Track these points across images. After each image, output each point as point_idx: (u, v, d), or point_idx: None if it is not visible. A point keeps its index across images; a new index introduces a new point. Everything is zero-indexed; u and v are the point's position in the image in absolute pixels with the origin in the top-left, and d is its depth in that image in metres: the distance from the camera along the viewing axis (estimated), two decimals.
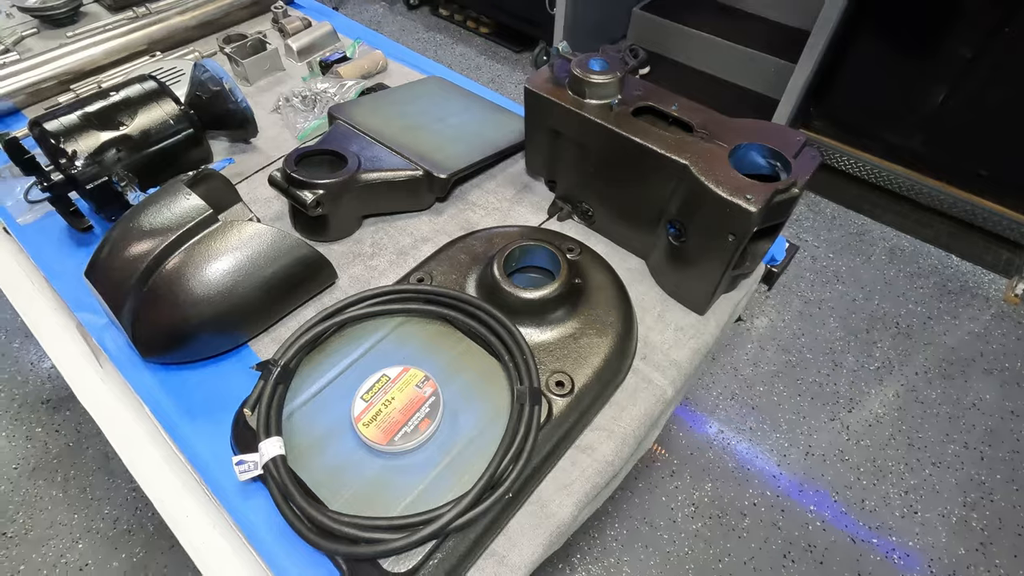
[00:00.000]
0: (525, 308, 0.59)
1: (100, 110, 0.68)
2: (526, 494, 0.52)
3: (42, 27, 1.10)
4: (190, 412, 0.59)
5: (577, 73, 0.63)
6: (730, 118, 0.63)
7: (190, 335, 0.58)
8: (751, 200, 0.53)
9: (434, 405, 0.52)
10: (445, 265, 0.66)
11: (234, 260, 0.58)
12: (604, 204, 0.72)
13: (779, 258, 0.77)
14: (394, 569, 0.45)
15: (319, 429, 0.52)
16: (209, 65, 0.77)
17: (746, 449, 1.45)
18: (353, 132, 0.77)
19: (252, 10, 1.13)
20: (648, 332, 0.66)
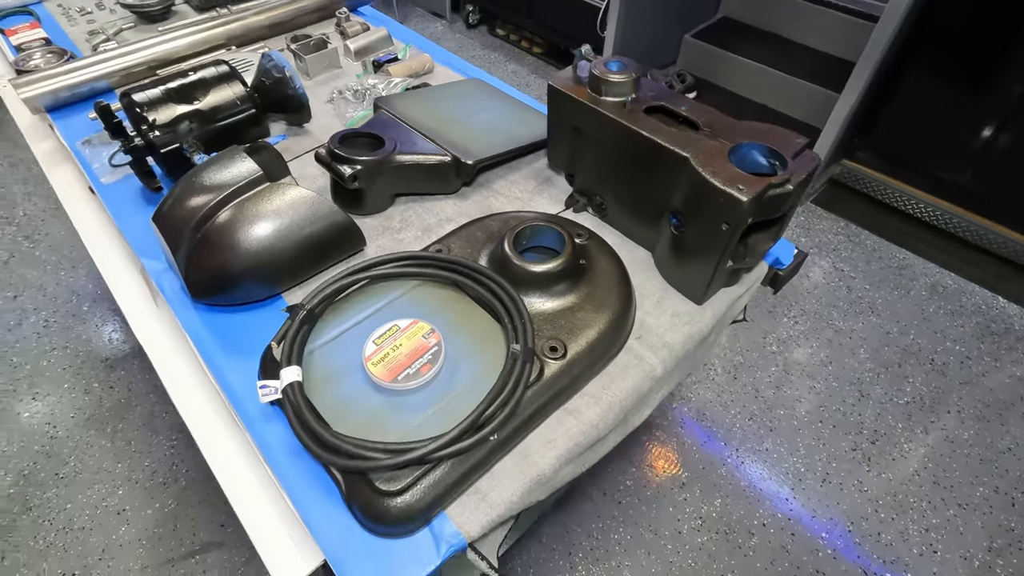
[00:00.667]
0: (529, 279, 0.64)
1: (178, 87, 0.78)
2: (512, 443, 0.57)
3: (139, 22, 1.25)
4: (227, 348, 0.66)
5: (596, 72, 0.69)
6: (737, 120, 0.67)
7: (233, 281, 0.66)
8: (743, 190, 0.57)
9: (436, 354, 0.58)
10: (463, 240, 0.72)
11: (276, 218, 0.66)
12: (615, 197, 0.77)
13: (785, 262, 0.79)
14: (384, 487, 0.50)
15: (334, 366, 0.59)
16: (274, 55, 0.87)
17: (760, 469, 1.44)
18: (394, 120, 0.85)
19: (319, 14, 1.25)
20: (646, 316, 0.70)
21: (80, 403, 1.57)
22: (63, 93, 1.00)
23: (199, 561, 1.29)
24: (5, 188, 2.23)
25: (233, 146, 0.69)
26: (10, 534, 1.33)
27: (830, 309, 1.80)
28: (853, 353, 1.69)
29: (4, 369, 1.64)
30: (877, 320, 1.77)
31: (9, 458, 1.45)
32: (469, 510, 0.53)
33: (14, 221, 2.10)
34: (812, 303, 1.82)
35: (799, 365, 1.66)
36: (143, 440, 1.49)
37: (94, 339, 1.72)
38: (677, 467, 1.45)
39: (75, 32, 1.23)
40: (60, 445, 1.48)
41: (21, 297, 1.84)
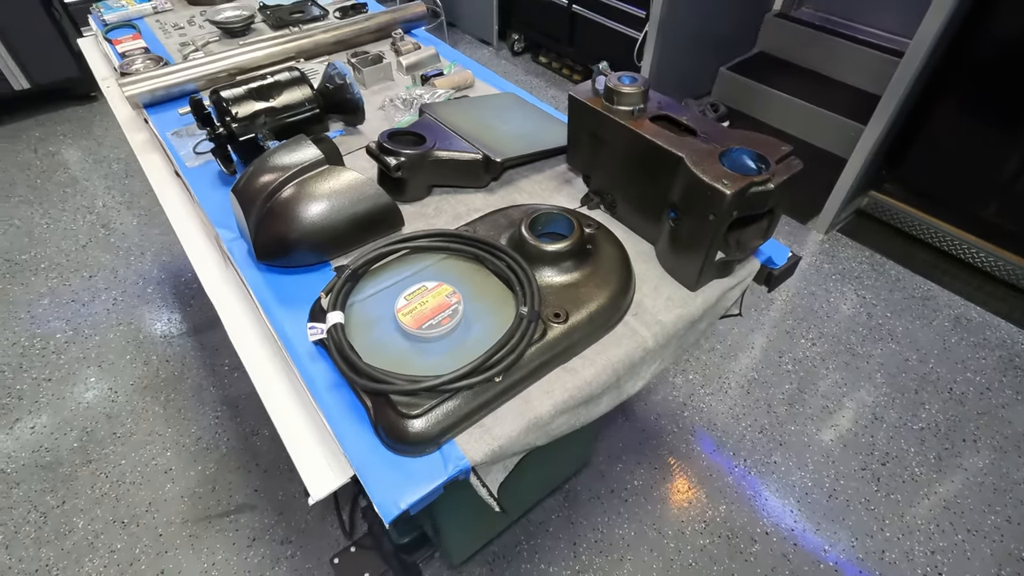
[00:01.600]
0: (541, 257, 0.75)
1: (257, 87, 0.93)
2: (515, 390, 0.66)
3: (223, 37, 1.44)
4: (282, 302, 0.78)
5: (610, 84, 0.80)
6: (732, 129, 0.77)
7: (291, 246, 0.79)
8: (727, 185, 0.66)
9: (455, 311, 0.68)
10: (487, 224, 0.83)
11: (331, 195, 0.79)
12: (624, 195, 0.87)
13: (778, 262, 0.87)
14: (404, 411, 0.60)
15: (370, 316, 0.70)
16: (338, 65, 1.01)
17: (767, 481, 1.48)
18: (435, 123, 0.98)
19: (377, 35, 1.40)
20: (643, 297, 0.78)
21: (139, 373, 1.73)
22: (159, 92, 1.17)
23: (233, 520, 1.41)
24: (89, 182, 2.48)
25: (300, 135, 0.82)
26: (72, 482, 1.48)
27: (849, 334, 1.83)
28: (870, 377, 1.71)
29: (78, 339, 1.83)
30: (896, 347, 1.79)
31: (77, 416, 1.62)
32: (475, 439, 0.63)
33: (94, 211, 2.33)
34: (831, 327, 1.85)
35: (813, 385, 1.69)
36: (191, 409, 1.64)
37: (155, 317, 1.90)
38: (685, 471, 1.50)
39: (169, 43, 1.42)
40: (119, 408, 1.64)
41: (95, 277, 2.04)
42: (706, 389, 1.69)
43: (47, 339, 1.83)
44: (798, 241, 2.17)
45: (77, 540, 1.37)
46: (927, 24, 1.65)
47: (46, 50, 2.71)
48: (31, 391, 1.69)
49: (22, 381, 1.71)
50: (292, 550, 1.36)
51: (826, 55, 2.67)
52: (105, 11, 1.50)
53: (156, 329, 1.86)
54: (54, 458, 1.53)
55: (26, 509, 1.43)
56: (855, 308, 1.91)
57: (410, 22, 1.46)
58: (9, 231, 2.23)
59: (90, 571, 1.32)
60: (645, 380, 0.78)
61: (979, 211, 1.92)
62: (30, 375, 1.73)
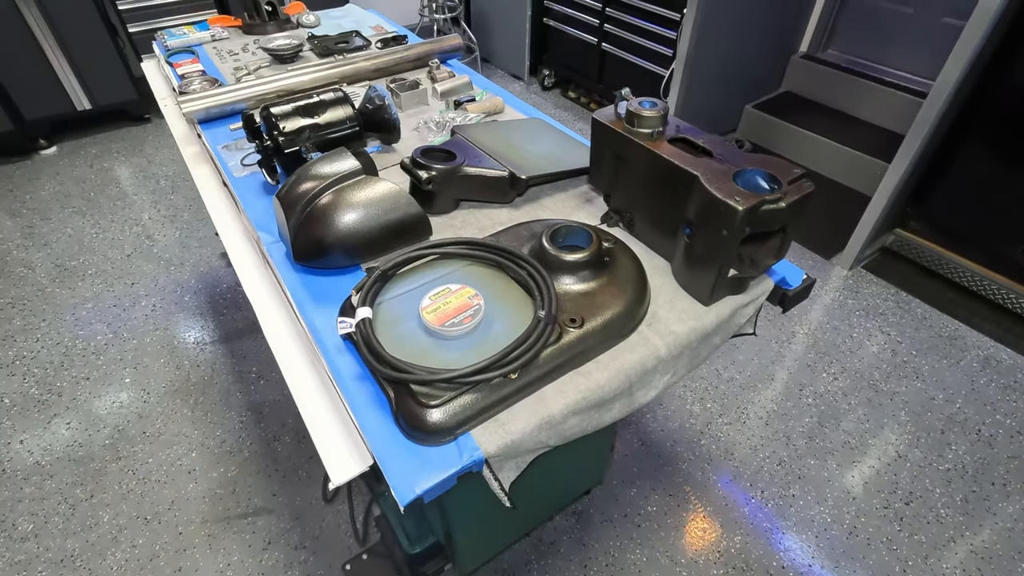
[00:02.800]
0: (560, 266, 0.78)
1: (304, 105, 1.01)
2: (530, 389, 0.69)
3: (273, 63, 1.55)
4: (316, 300, 0.84)
5: (631, 108, 0.85)
6: (746, 152, 0.81)
7: (327, 249, 0.84)
8: (739, 202, 0.70)
9: (476, 312, 0.72)
10: (511, 235, 0.88)
11: (366, 204, 0.85)
12: (642, 213, 0.91)
13: (792, 283, 0.89)
14: (424, 401, 0.64)
15: (397, 314, 0.75)
16: (378, 87, 1.09)
17: (784, 514, 1.45)
18: (465, 142, 1.04)
19: (415, 64, 1.50)
20: (657, 309, 0.81)
21: (171, 376, 1.80)
22: (213, 110, 1.27)
23: (251, 523, 1.44)
24: (137, 196, 2.63)
25: (341, 147, 0.89)
26: (102, 477, 1.54)
27: (872, 370, 1.81)
28: (893, 415, 1.68)
29: (117, 342, 1.92)
30: (922, 386, 1.76)
31: (111, 414, 1.69)
32: (489, 432, 0.66)
33: (140, 223, 2.46)
34: (854, 362, 1.83)
35: (835, 420, 1.66)
36: (218, 413, 1.69)
37: (189, 324, 1.98)
38: (701, 500, 1.48)
39: (224, 67, 1.54)
40: (150, 409, 1.71)
41: (136, 285, 2.15)
42: (724, 418, 1.68)
43: (88, 340, 1.93)
44: (822, 276, 2.16)
45: (102, 533, 1.42)
46: (950, 66, 1.68)
47: (109, 74, 2.92)
48: (70, 388, 1.77)
49: (62, 379, 1.80)
50: (306, 555, 1.38)
51: (851, 95, 2.71)
52: (168, 38, 1.64)
53: (190, 336, 1.94)
54: (86, 453, 1.59)
55: (56, 501, 1.49)
56: (879, 345, 1.89)
57: (446, 53, 1.55)
58: (62, 239, 2.37)
59: (111, 564, 1.36)
60: (657, 390, 0.80)
61: (1008, 251, 1.90)
62: (70, 373, 1.82)
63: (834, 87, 2.76)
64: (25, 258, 2.27)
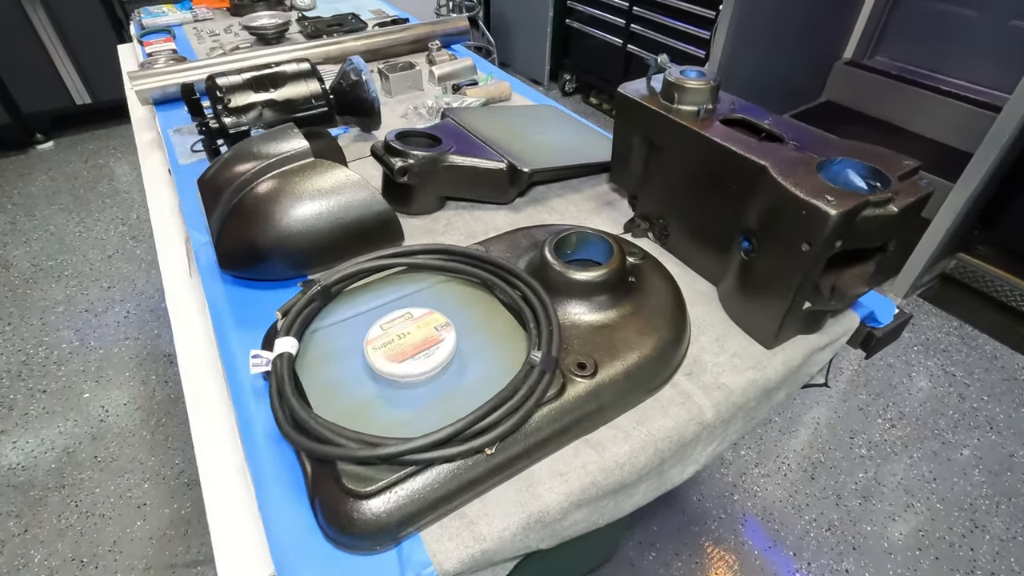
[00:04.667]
0: (567, 287, 0.57)
1: (258, 76, 0.81)
2: (514, 467, 0.47)
3: (256, 44, 1.37)
4: (241, 321, 0.63)
5: (671, 78, 0.63)
6: (831, 137, 0.58)
7: (260, 253, 0.64)
8: (831, 203, 0.47)
9: (443, 349, 0.50)
10: (504, 244, 0.66)
11: (314, 195, 0.64)
12: (680, 220, 0.69)
13: (883, 320, 0.66)
14: (352, 486, 0.42)
15: (334, 347, 0.53)
16: (355, 60, 0.89)
17: None
18: (457, 127, 0.83)
19: (412, 47, 1.30)
20: (701, 352, 0.59)
21: (135, 392, 1.61)
22: (170, 89, 1.08)
23: (200, 573, 1.23)
24: (128, 194, 2.48)
25: (289, 123, 0.69)
26: (40, 508, 1.34)
27: (936, 417, 1.54)
28: (965, 473, 1.41)
29: (82, 351, 1.74)
30: (997, 438, 1.49)
31: (62, 434, 1.50)
32: (449, 537, 0.44)
33: (127, 222, 2.31)
34: (914, 407, 1.57)
35: (894, 476, 1.40)
36: (180, 438, 1.49)
37: (162, 333, 1.80)
38: (733, 569, 1.24)
39: (201, 48, 1.37)
40: (106, 429, 1.52)
41: (114, 288, 1.98)
42: (761, 469, 1.43)
43: (52, 348, 1.75)
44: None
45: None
46: None
47: (110, 68, 2.79)
48: (23, 402, 1.59)
49: (17, 391, 1.62)
50: None
51: (902, 106, 2.46)
52: (144, 16, 1.47)
53: (160, 346, 1.76)
54: (28, 478, 1.40)
55: None
56: (943, 387, 1.62)
57: (450, 36, 1.35)
58: (43, 236, 2.22)
59: None
60: (699, 465, 0.58)
61: None
62: (27, 385, 1.64)
63: (882, 97, 2.52)
64: (2, 255, 2.13)
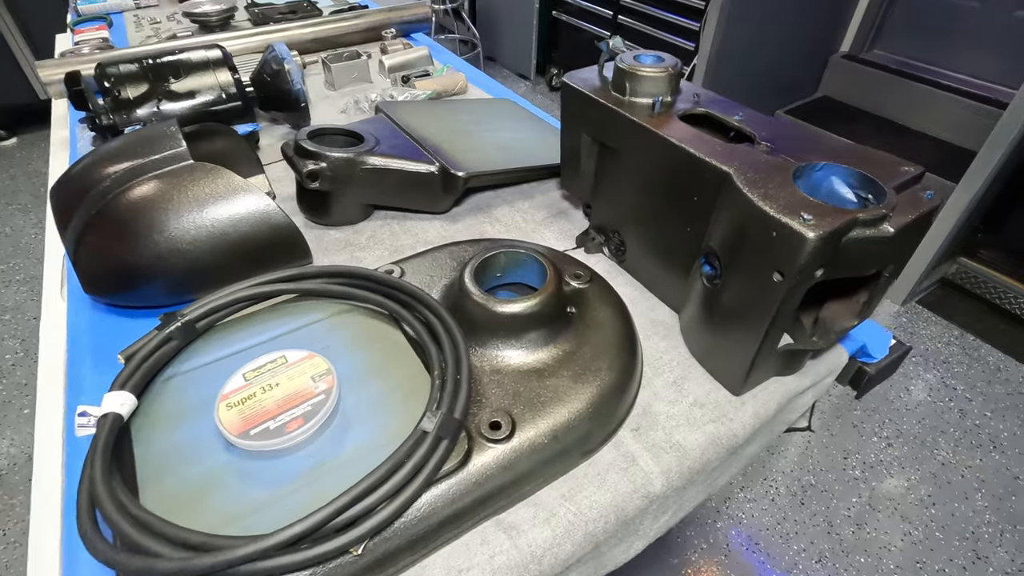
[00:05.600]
0: (487, 322, 0.46)
1: (156, 64, 0.70)
2: (396, 563, 0.37)
3: (198, 32, 1.25)
4: (102, 359, 0.52)
5: (621, 64, 0.52)
6: (817, 135, 0.48)
7: (129, 276, 0.53)
8: (809, 222, 0.37)
9: (318, 406, 0.40)
10: (426, 264, 0.55)
11: (193, 206, 0.53)
12: (638, 234, 0.58)
13: (876, 355, 0.55)
14: None
15: (188, 401, 0.42)
16: (277, 47, 0.78)
17: None
18: (387, 124, 0.72)
19: (366, 35, 1.19)
20: (653, 399, 0.48)
21: None
22: None
23: None
24: None
25: (172, 120, 0.58)
26: None
27: (936, 435, 1.44)
28: (966, 498, 1.31)
29: (26, 363, 1.63)
30: (1001, 459, 1.39)
31: None
32: None
33: None
34: (912, 424, 1.47)
35: (890, 501, 1.30)
36: None
37: None
38: None
39: (138, 37, 1.25)
40: None
41: None
42: (747, 493, 1.32)
43: None
44: None
45: None
46: None
47: None
48: None
49: None
50: None
51: (902, 102, 2.35)
52: (80, 2, 1.36)
53: None
54: None
55: None
56: (943, 402, 1.52)
57: (409, 24, 1.24)
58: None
59: None
60: (648, 540, 0.47)
61: None
62: None
63: (881, 92, 2.41)
64: None
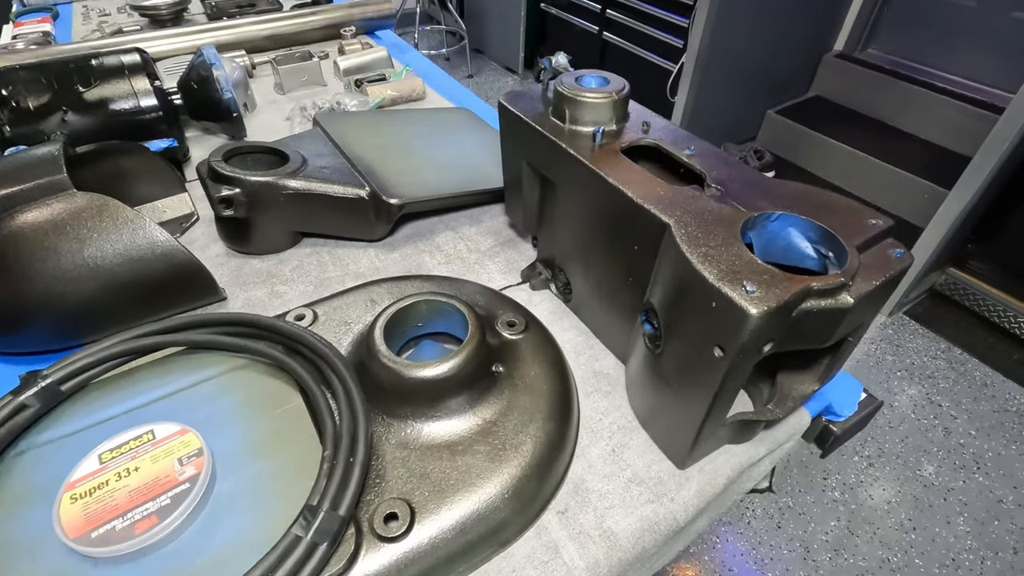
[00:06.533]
0: (395, 387, 0.40)
1: (61, 70, 0.63)
2: None
3: (147, 27, 1.18)
4: None
5: (561, 87, 0.46)
6: (773, 179, 0.42)
7: (5, 317, 0.47)
8: (752, 294, 0.31)
9: (179, 499, 0.34)
10: (344, 307, 0.49)
11: (75, 242, 0.47)
12: (581, 273, 0.52)
13: (843, 412, 0.50)
14: None
15: (34, 483, 0.37)
16: (205, 51, 0.71)
17: None
18: (323, 139, 0.66)
19: (325, 32, 1.12)
20: (587, 472, 0.42)
21: None
22: None
23: None
24: None
25: (55, 140, 0.51)
26: None
27: (919, 454, 1.40)
28: (948, 522, 1.27)
29: None
30: (985, 481, 1.35)
31: None
32: None
33: None
34: (894, 442, 1.42)
35: (870, 525, 1.26)
36: None
37: None
38: None
39: (83, 30, 1.17)
40: None
41: None
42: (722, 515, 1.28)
43: None
44: None
45: None
46: None
47: None
48: None
49: None
50: None
51: (895, 103, 2.29)
52: None
53: None
54: None
55: None
56: (927, 419, 1.48)
57: (372, 20, 1.17)
58: None
59: None
60: None
61: None
62: None
63: (874, 93, 2.34)
64: None
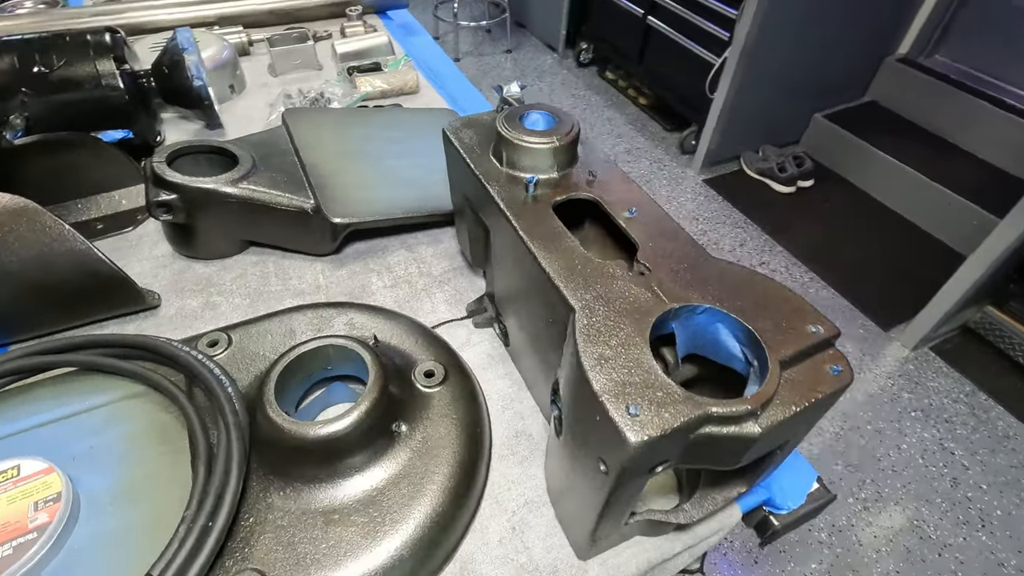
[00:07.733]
0: (275, 442, 0.38)
1: (22, 48, 0.62)
2: None
3: None
4: None
5: (500, 128, 0.41)
6: (723, 262, 0.36)
7: None
8: (635, 418, 0.27)
9: (21, 551, 0.32)
10: (264, 335, 0.47)
11: None
12: (514, 320, 0.48)
13: (785, 505, 0.46)
14: None
15: None
16: (179, 34, 0.69)
17: None
18: (285, 140, 0.63)
19: (331, 9, 1.08)
20: (479, 550, 0.39)
21: None
22: None
23: None
24: None
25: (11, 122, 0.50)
26: None
27: (920, 503, 1.32)
28: None
29: None
30: (988, 540, 1.27)
31: None
32: None
33: None
34: (895, 486, 1.35)
35: (854, 572, 1.21)
36: None
37: None
38: None
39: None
40: None
41: None
42: None
43: None
44: (871, 353, 1.65)
45: None
46: None
47: None
48: None
49: None
50: None
51: (956, 117, 2.11)
52: None
53: None
54: None
55: None
56: (936, 467, 1.39)
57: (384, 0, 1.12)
58: None
59: None
60: None
61: None
62: None
63: (935, 103, 2.16)
64: None
